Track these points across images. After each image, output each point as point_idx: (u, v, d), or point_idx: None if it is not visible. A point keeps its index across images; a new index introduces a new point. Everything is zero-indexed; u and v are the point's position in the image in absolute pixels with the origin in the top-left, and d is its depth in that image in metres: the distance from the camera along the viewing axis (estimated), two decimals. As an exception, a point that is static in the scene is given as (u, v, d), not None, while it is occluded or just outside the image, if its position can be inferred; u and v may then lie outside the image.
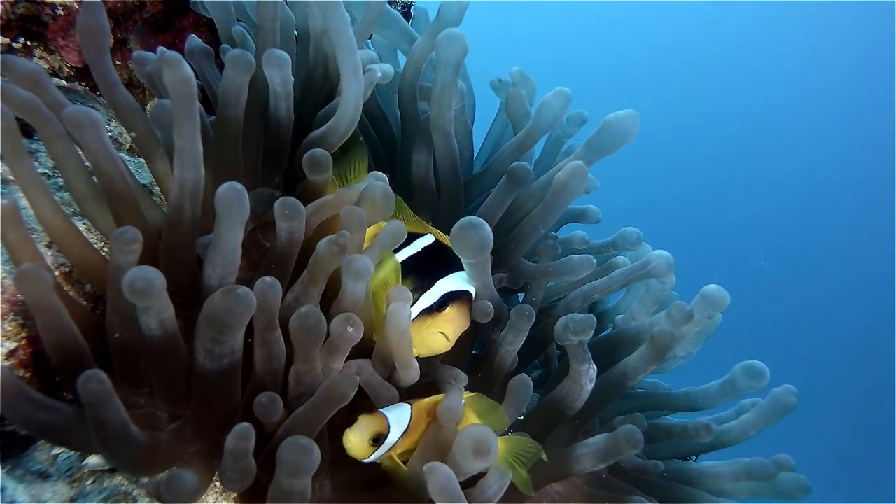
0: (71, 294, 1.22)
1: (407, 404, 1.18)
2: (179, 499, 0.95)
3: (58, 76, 1.70)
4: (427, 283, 1.29)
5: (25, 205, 1.12)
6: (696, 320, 1.52)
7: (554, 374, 1.71)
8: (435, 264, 1.34)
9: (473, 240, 1.21)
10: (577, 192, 1.47)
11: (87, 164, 1.16)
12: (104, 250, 1.32)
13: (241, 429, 0.96)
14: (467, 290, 1.30)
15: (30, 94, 1.06)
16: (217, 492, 1.17)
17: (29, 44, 1.64)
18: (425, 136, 1.62)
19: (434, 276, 1.31)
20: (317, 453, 0.92)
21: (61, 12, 1.59)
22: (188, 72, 1.02)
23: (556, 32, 33.71)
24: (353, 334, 1.07)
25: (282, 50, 1.30)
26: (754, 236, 27.03)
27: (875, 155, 24.69)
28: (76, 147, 1.13)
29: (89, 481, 1.10)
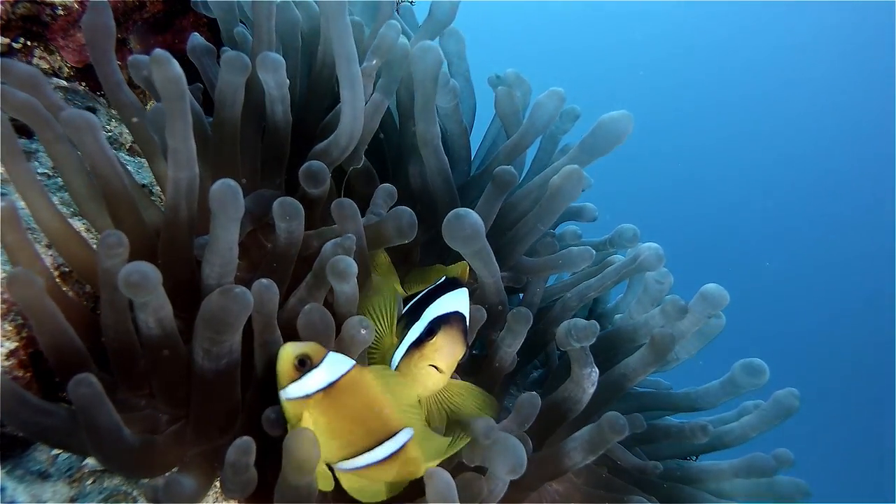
0: (70, 294, 1.22)
1: (353, 362, 1.06)
2: (178, 504, 0.94)
3: (58, 76, 1.70)
4: (417, 315, 1.21)
5: (22, 206, 1.12)
6: (695, 319, 1.52)
7: (554, 372, 1.72)
8: (427, 296, 1.26)
9: (463, 228, 1.21)
10: (573, 194, 1.46)
11: (86, 165, 1.16)
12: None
13: (242, 443, 0.96)
14: (457, 311, 1.19)
15: (28, 97, 1.06)
16: (217, 492, 1.17)
17: (29, 44, 1.64)
18: (416, 148, 1.59)
19: (424, 305, 1.22)
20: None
21: (61, 12, 1.59)
22: (177, 70, 1.01)
23: (555, 32, 33.72)
24: (366, 336, 1.06)
25: (277, 51, 1.30)
26: (758, 237, 27.03)
27: (875, 155, 24.69)
28: (75, 149, 1.13)
29: (89, 481, 1.10)
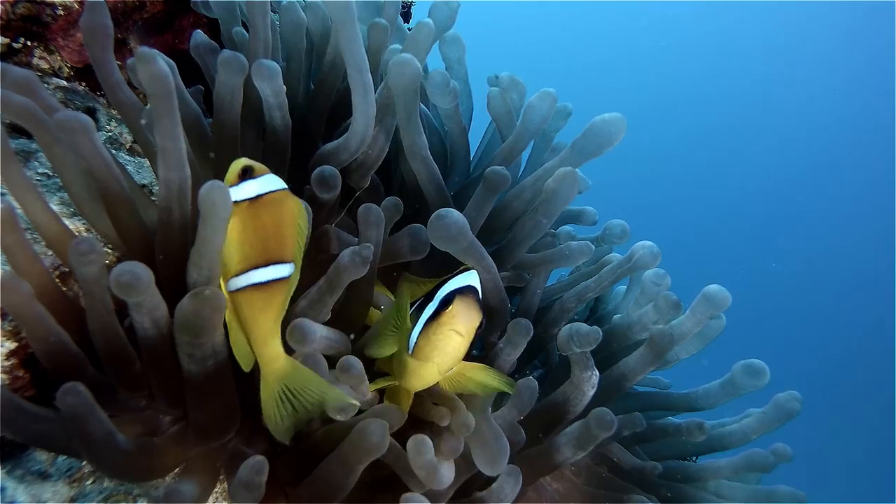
0: (70, 294, 1.22)
1: (286, 186, 1.09)
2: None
3: (58, 76, 1.70)
4: (429, 299, 1.21)
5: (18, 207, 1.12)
6: (697, 320, 1.53)
7: (553, 370, 1.72)
8: (437, 286, 1.26)
9: (447, 228, 1.21)
10: (568, 197, 1.46)
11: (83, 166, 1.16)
12: (104, 250, 1.32)
13: (256, 463, 0.96)
14: (469, 285, 1.20)
15: (25, 100, 1.06)
16: (218, 491, 1.18)
17: (29, 44, 1.64)
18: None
19: (434, 292, 1.22)
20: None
21: (61, 12, 1.59)
22: (163, 67, 0.99)
23: (554, 32, 33.71)
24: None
25: (276, 52, 1.30)
26: (762, 238, 27.02)
27: (875, 155, 24.69)
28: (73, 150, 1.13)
29: (89, 481, 1.10)
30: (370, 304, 1.36)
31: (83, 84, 1.74)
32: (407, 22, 2.70)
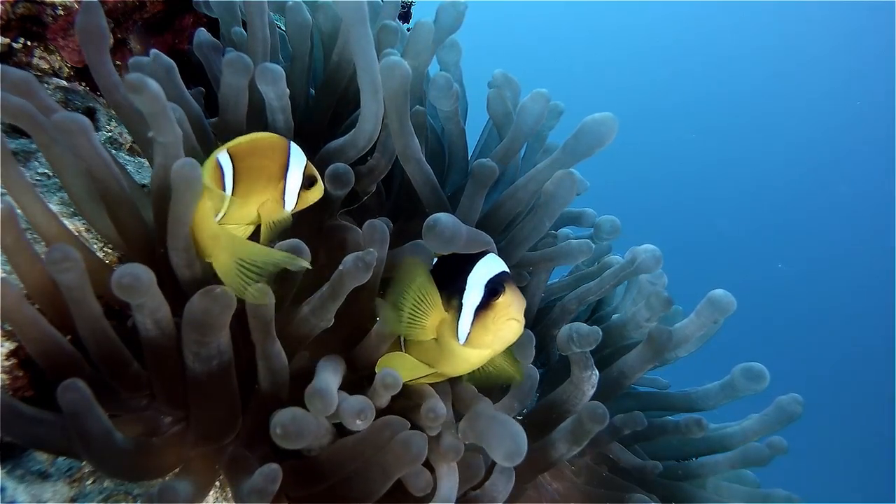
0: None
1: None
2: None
3: (58, 76, 1.70)
4: (459, 286, 1.18)
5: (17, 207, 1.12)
6: (701, 323, 1.53)
7: (553, 369, 1.72)
8: (452, 268, 1.24)
9: (441, 234, 1.19)
10: (567, 199, 1.46)
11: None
12: (105, 250, 1.33)
13: (271, 471, 0.96)
14: (503, 271, 1.19)
15: (23, 101, 1.06)
16: (219, 491, 1.17)
17: (29, 44, 1.64)
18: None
19: (460, 275, 1.20)
20: None
21: (61, 12, 1.59)
22: (154, 88, 0.97)
23: (554, 31, 33.72)
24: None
25: (275, 52, 1.30)
26: (766, 240, 27.02)
27: (876, 155, 24.70)
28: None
29: (89, 481, 1.10)
30: (372, 314, 1.36)
31: (83, 84, 1.74)
32: (406, 22, 2.70)
